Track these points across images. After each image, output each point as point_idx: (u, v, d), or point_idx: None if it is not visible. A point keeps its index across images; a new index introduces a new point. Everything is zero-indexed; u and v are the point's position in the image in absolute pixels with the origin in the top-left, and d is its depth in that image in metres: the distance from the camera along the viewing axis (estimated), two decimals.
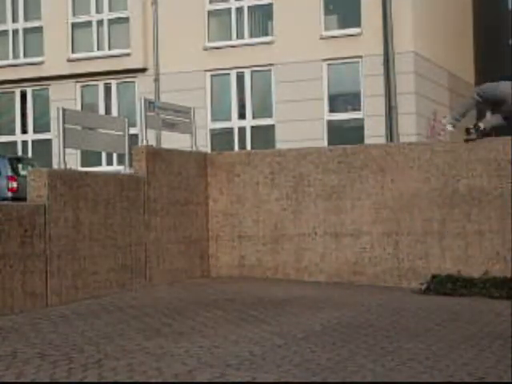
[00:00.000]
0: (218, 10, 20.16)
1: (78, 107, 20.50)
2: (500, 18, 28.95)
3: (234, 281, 11.20)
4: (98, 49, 20.92)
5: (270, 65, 19.39)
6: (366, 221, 10.98)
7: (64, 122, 9.55)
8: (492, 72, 26.33)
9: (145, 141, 10.90)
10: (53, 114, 19.20)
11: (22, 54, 21.68)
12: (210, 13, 20.10)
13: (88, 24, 21.06)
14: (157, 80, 20.15)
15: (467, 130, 10.82)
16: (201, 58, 19.81)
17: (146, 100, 11.23)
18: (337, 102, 19.20)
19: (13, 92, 21.81)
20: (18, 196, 15.68)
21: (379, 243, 10.89)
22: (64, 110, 9.62)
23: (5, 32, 21.83)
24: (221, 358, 6.14)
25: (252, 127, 19.71)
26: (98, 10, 20.98)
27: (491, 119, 11.08)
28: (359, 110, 18.78)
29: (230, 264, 11.71)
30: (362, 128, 18.45)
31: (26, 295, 8.41)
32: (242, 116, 19.87)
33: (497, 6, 29.05)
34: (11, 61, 21.61)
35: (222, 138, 19.92)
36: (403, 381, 5.53)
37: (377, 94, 18.29)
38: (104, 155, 20.27)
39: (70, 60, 20.89)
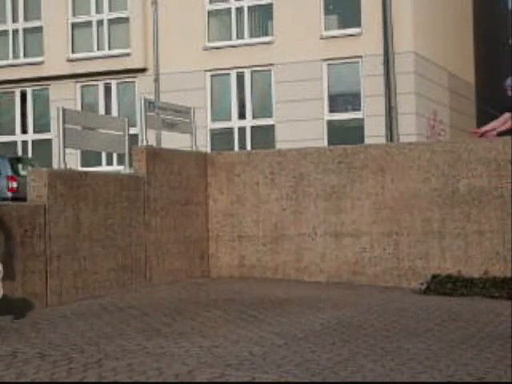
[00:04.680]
0: (217, 9, 20.18)
1: (78, 107, 20.51)
2: (500, 18, 28.95)
3: (234, 281, 11.20)
4: (98, 49, 20.94)
5: (270, 65, 19.40)
6: (365, 221, 10.97)
7: (64, 122, 9.55)
8: (492, 72, 26.34)
9: (145, 141, 10.89)
10: (53, 113, 19.21)
11: (22, 54, 21.69)
12: (209, 13, 20.11)
13: (88, 24, 21.07)
14: (157, 80, 20.15)
15: None
16: (201, 58, 19.83)
17: (146, 100, 11.23)
18: (337, 101, 19.22)
19: (13, 92, 21.82)
20: (18, 196, 15.68)
21: (379, 243, 10.89)
22: (64, 110, 9.62)
23: (5, 32, 21.84)
24: (221, 358, 6.14)
25: (252, 127, 19.72)
26: (98, 10, 20.99)
27: None
28: (359, 109, 18.79)
29: (230, 264, 11.71)
30: (362, 128, 18.45)
31: (25, 295, 8.41)
32: (242, 116, 19.89)
33: (497, 6, 29.06)
34: (11, 61, 21.62)
35: (222, 138, 19.93)
36: (403, 381, 5.53)
37: (377, 94, 18.29)
38: (104, 155, 20.28)
39: (69, 60, 20.90)
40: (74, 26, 21.14)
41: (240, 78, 19.83)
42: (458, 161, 10.61)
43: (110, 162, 20.36)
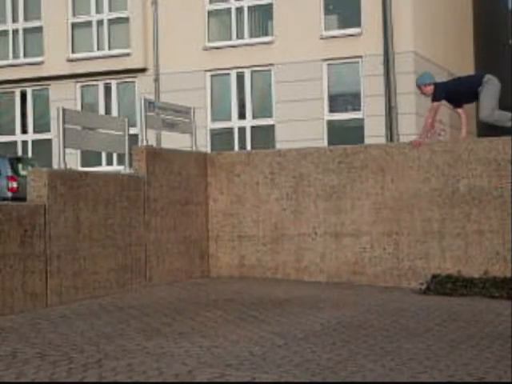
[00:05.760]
0: (217, 9, 20.18)
1: (78, 107, 20.52)
2: (500, 18, 28.95)
3: (234, 281, 11.20)
4: (98, 49, 20.95)
5: (270, 65, 19.41)
6: (365, 221, 10.97)
7: (64, 122, 9.54)
8: (492, 72, 26.31)
9: (145, 141, 10.89)
10: (53, 113, 19.23)
11: (22, 54, 21.69)
12: (209, 13, 20.12)
13: (88, 24, 21.08)
14: (157, 80, 20.16)
15: None
16: (201, 58, 19.83)
17: (146, 100, 11.23)
18: (337, 101, 19.23)
19: (13, 92, 21.83)
20: (18, 196, 15.70)
21: (379, 243, 10.89)
22: (64, 110, 9.62)
23: (5, 32, 21.85)
24: (221, 358, 6.14)
25: (252, 127, 19.73)
26: (98, 10, 21.00)
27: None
28: (359, 110, 18.80)
29: (230, 264, 11.71)
30: (362, 128, 18.46)
31: (26, 295, 8.41)
32: (242, 116, 19.89)
33: (497, 6, 29.06)
34: (11, 61, 21.63)
35: (222, 138, 19.95)
36: (403, 381, 5.53)
37: (377, 94, 18.30)
38: (104, 155, 20.29)
39: (69, 60, 20.91)
40: (74, 25, 21.15)
41: (240, 78, 19.84)
42: (457, 161, 10.61)
43: (110, 162, 20.36)
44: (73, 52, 21.05)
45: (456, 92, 10.86)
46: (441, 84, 11.07)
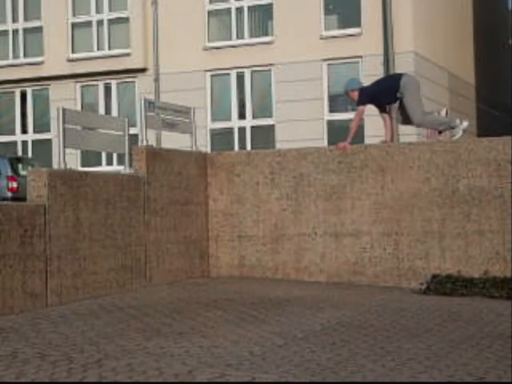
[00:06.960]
0: (217, 9, 20.20)
1: (78, 107, 20.53)
2: (500, 18, 28.97)
3: (234, 281, 11.20)
4: (98, 49, 20.96)
5: (270, 65, 19.42)
6: (366, 221, 10.97)
7: (64, 122, 9.54)
8: (492, 72, 26.34)
9: (145, 141, 10.90)
10: (53, 113, 19.24)
11: (22, 54, 21.71)
12: (209, 13, 20.14)
13: (88, 24, 21.10)
14: (157, 80, 20.18)
15: None
16: (201, 58, 19.85)
17: (146, 100, 11.23)
18: (337, 102, 19.24)
19: (13, 92, 21.84)
20: (18, 196, 15.71)
21: (379, 243, 10.89)
22: (64, 110, 9.61)
23: (5, 32, 21.87)
24: (221, 358, 6.14)
25: (252, 127, 19.74)
26: (98, 10, 21.01)
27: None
28: None
29: (230, 264, 11.71)
30: (361, 128, 18.44)
31: (26, 295, 8.41)
32: (242, 116, 19.90)
33: (497, 6, 29.07)
34: (11, 61, 21.64)
35: (222, 138, 19.96)
36: (403, 381, 5.53)
37: None
38: (104, 155, 20.30)
39: (69, 60, 20.92)
40: (74, 25, 21.17)
41: (240, 78, 19.85)
42: (458, 161, 10.61)
43: (110, 162, 20.37)
44: (73, 52, 21.06)
45: (377, 94, 11.00)
46: (364, 88, 11.25)
